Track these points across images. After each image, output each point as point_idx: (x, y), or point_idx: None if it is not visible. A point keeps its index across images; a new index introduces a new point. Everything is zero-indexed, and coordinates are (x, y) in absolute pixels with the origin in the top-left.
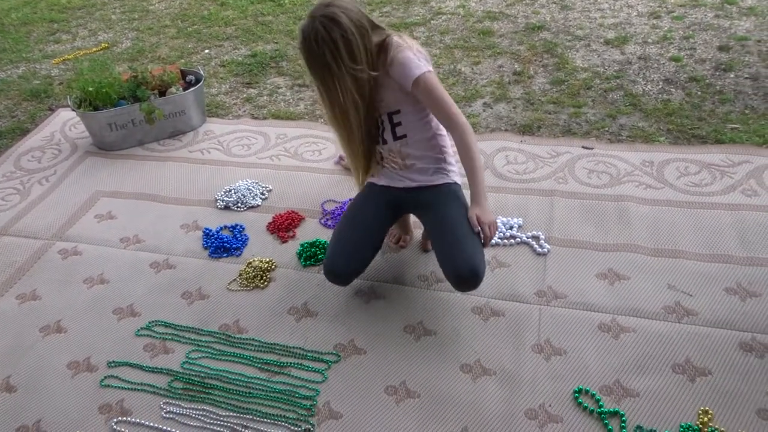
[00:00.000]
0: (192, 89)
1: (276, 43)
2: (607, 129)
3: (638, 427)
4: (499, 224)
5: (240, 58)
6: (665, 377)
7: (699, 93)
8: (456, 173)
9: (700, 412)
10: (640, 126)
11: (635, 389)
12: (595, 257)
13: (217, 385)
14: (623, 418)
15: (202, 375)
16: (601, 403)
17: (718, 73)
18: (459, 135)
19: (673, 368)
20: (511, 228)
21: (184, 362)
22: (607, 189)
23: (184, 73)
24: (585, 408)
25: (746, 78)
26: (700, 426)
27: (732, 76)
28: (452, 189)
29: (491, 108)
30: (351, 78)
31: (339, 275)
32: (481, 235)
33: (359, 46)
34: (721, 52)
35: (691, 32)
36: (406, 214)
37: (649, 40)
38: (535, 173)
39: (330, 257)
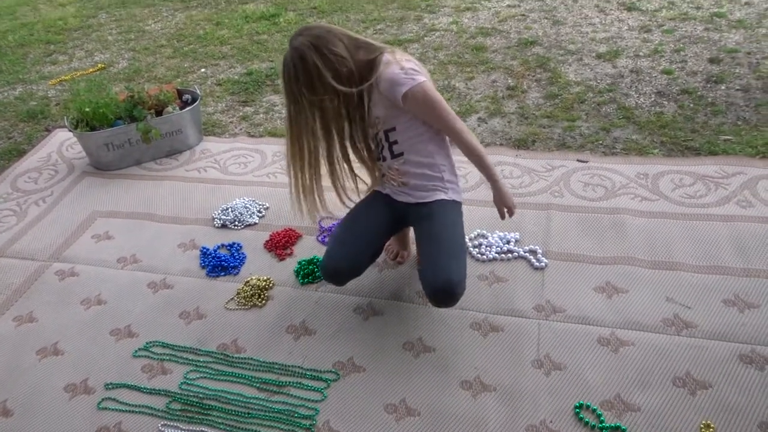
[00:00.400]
0: (188, 108)
1: (271, 61)
2: (601, 142)
3: None
4: (496, 239)
5: (236, 77)
6: (666, 391)
7: (691, 105)
8: (456, 190)
9: (702, 425)
10: (634, 139)
11: (636, 403)
12: (593, 270)
13: (216, 406)
14: None
15: (201, 396)
16: (602, 418)
17: (709, 85)
18: (457, 138)
19: (674, 381)
20: (508, 242)
21: (182, 383)
22: (603, 202)
23: (180, 93)
24: (586, 423)
25: (737, 90)
26: None
27: (723, 88)
28: (447, 206)
29: (486, 123)
30: (311, 107)
31: (335, 274)
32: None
33: (322, 75)
34: (711, 64)
35: (681, 45)
36: (406, 227)
37: (641, 54)
38: (530, 187)
39: (328, 255)
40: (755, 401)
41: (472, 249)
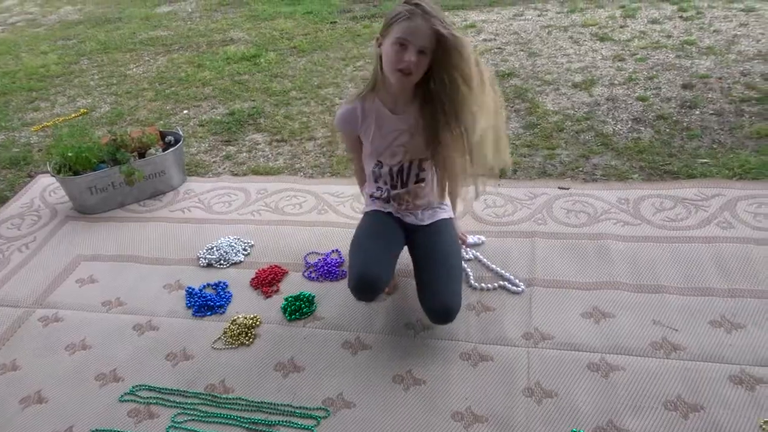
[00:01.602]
0: (171, 150)
1: (253, 100)
2: (581, 169)
3: None
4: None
5: (218, 117)
6: (658, 415)
7: (667, 130)
8: (449, 208)
9: None
10: (613, 164)
11: (629, 429)
12: (579, 296)
13: None
14: None
15: None
16: None
17: (684, 110)
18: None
19: (666, 405)
20: (474, 245)
21: (169, 427)
22: (586, 228)
23: (163, 134)
24: None
25: (711, 114)
26: None
27: (698, 112)
28: (449, 224)
29: None
30: None
31: (372, 284)
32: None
33: None
34: (685, 90)
35: (654, 72)
36: (407, 244)
37: (616, 82)
38: (514, 216)
39: (363, 266)
40: (746, 422)
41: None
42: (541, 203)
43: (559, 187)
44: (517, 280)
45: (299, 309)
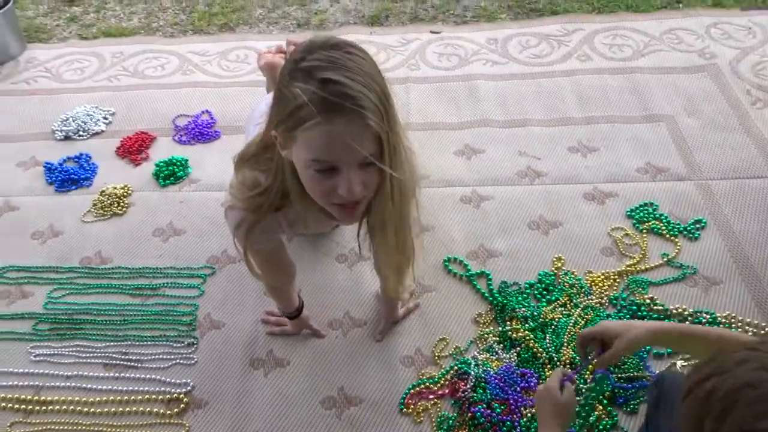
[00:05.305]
0: (0, 12)
1: None
2: (452, 12)
3: (503, 282)
4: None
5: None
6: (523, 235)
7: None
8: None
9: (554, 259)
10: (483, 6)
11: (497, 250)
12: (452, 136)
13: (88, 320)
14: (489, 277)
15: (69, 312)
16: (468, 267)
17: None
18: None
19: (529, 225)
20: None
21: (46, 303)
22: (458, 70)
23: None
24: (455, 274)
25: None
26: (555, 271)
27: None
28: None
29: (338, 2)
30: None
31: None
32: None
33: None
34: None
35: None
36: None
37: None
38: (387, 63)
39: None
40: (596, 230)
41: None
42: (414, 49)
43: (431, 32)
44: None
45: (173, 173)
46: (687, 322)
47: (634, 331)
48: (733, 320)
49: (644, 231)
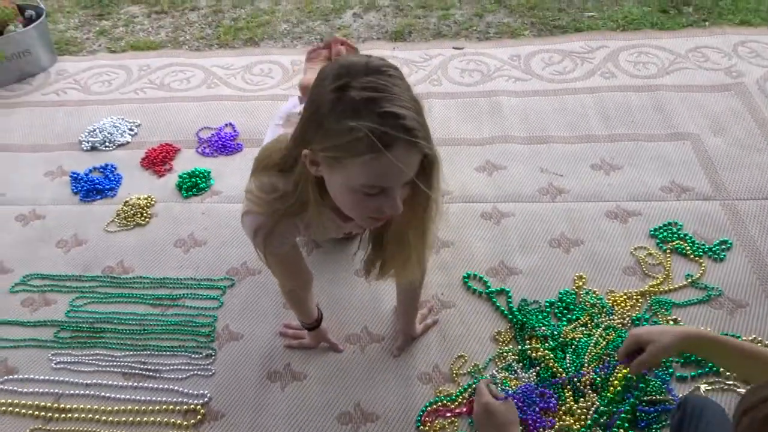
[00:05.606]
0: (33, 25)
1: None
2: (475, 28)
3: (523, 300)
4: None
5: None
6: (543, 252)
7: None
8: None
9: (575, 277)
10: (506, 22)
11: (518, 267)
12: (474, 152)
13: (108, 328)
14: (509, 295)
15: (91, 320)
16: (488, 284)
17: None
18: None
19: (550, 243)
20: None
21: (68, 311)
22: (480, 86)
23: (21, 9)
24: (475, 291)
25: None
26: (576, 290)
27: None
28: None
29: (361, 18)
30: None
31: None
32: None
33: None
34: None
35: None
36: None
37: None
38: (410, 78)
39: None
40: (619, 249)
41: None
42: (436, 64)
43: (453, 47)
44: None
45: (195, 185)
46: None
47: (666, 337)
48: (759, 344)
49: (668, 251)
